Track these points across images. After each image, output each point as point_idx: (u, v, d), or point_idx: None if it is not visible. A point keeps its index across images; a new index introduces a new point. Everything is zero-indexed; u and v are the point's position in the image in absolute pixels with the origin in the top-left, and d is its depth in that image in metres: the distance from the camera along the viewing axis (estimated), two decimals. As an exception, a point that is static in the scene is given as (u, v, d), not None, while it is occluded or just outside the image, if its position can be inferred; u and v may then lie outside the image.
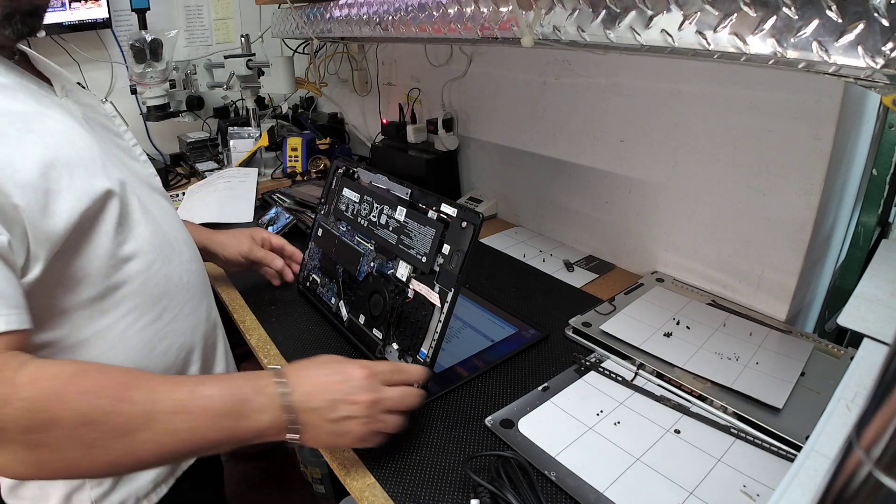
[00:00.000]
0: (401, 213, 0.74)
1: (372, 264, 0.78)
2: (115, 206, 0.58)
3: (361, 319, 0.77)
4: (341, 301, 0.81)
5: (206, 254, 0.90)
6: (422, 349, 0.67)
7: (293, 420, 0.53)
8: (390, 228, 0.76)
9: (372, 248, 0.78)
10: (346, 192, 0.87)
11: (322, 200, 0.93)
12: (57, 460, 0.46)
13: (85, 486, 0.60)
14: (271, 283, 0.94)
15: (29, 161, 0.50)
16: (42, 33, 1.41)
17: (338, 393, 0.55)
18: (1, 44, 0.58)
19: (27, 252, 0.50)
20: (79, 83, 0.71)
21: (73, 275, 0.55)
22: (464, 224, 0.65)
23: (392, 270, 0.74)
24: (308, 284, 0.91)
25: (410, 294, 0.70)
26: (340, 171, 0.90)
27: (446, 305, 0.65)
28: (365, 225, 0.81)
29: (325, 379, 0.56)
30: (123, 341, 0.60)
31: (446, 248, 0.66)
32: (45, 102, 0.57)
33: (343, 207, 0.86)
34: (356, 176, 0.86)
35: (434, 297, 0.66)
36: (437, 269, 0.67)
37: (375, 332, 0.74)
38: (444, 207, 0.69)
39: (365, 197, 0.82)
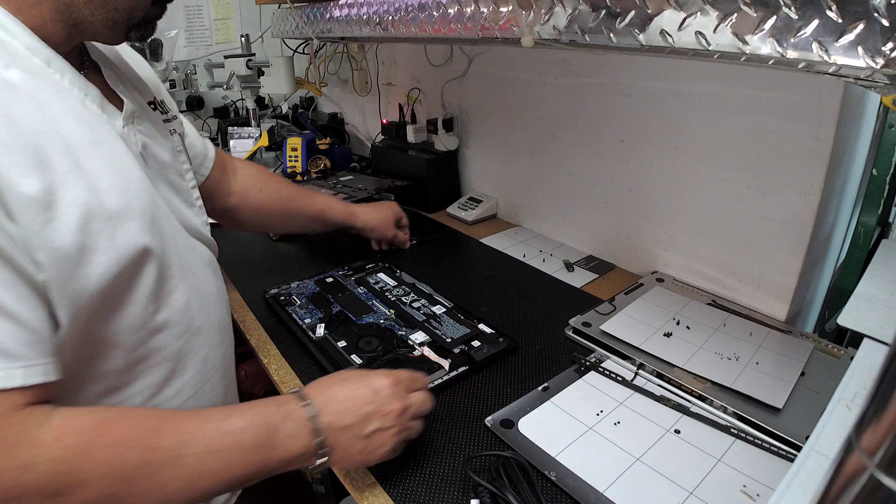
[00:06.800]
0: (439, 309, 0.87)
1: (382, 322, 0.84)
2: (153, 269, 0.52)
3: (340, 344, 0.79)
4: (321, 325, 0.84)
5: (347, 227, 1.03)
6: None
7: (323, 443, 0.51)
8: (421, 312, 0.87)
9: (391, 314, 0.87)
10: (383, 276, 1.00)
11: (346, 267, 1.02)
12: None
13: None
14: (266, 278, 0.98)
15: (70, 210, 0.43)
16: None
17: (368, 406, 0.53)
18: (67, 48, 0.50)
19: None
20: (162, 101, 0.66)
21: (93, 346, 0.49)
22: (501, 339, 0.80)
23: (404, 333, 0.82)
24: (281, 300, 0.92)
25: (417, 353, 0.77)
26: (382, 265, 1.03)
27: (454, 373, 0.73)
28: (392, 299, 0.91)
29: (352, 395, 0.54)
30: None
31: (476, 343, 0.79)
32: (103, 129, 0.50)
33: (372, 281, 0.98)
34: (398, 273, 1.00)
35: (444, 363, 0.75)
36: (457, 351, 0.77)
37: (354, 357, 0.76)
38: (482, 326, 0.82)
39: (404, 287, 0.95)
